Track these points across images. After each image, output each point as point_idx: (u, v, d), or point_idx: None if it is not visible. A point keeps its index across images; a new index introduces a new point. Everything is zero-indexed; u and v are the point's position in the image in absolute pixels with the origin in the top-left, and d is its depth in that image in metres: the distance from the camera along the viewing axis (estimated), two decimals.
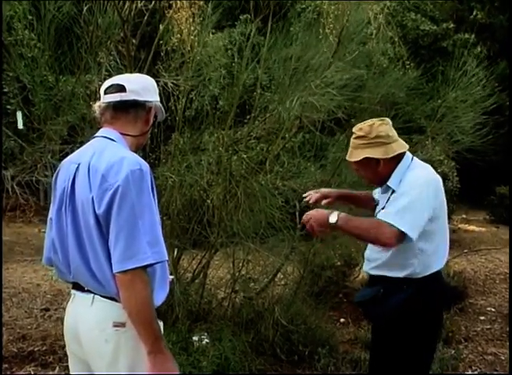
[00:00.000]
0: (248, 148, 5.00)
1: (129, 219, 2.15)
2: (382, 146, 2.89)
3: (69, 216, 2.30)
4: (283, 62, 4.89)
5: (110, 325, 2.24)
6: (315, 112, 4.80)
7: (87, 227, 2.23)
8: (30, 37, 4.86)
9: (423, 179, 2.87)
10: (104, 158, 2.25)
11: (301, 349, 4.47)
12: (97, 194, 2.20)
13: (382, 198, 3.03)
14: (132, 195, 2.16)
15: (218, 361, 3.71)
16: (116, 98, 2.38)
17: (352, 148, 2.98)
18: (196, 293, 4.65)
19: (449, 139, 4.96)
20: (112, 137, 2.37)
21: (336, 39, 4.69)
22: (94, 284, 2.27)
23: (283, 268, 5.03)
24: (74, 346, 2.40)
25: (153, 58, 4.71)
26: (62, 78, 4.95)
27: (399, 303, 2.90)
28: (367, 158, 2.91)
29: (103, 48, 4.59)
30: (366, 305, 3.10)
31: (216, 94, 5.48)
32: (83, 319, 2.31)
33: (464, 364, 4.54)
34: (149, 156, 4.78)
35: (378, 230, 2.78)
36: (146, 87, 2.45)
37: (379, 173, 2.95)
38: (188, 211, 4.82)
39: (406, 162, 2.93)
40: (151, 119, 2.45)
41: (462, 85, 4.76)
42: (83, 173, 2.28)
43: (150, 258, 2.17)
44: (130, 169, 2.18)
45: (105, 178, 2.20)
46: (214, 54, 5.23)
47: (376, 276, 3.03)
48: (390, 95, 4.96)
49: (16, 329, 5.13)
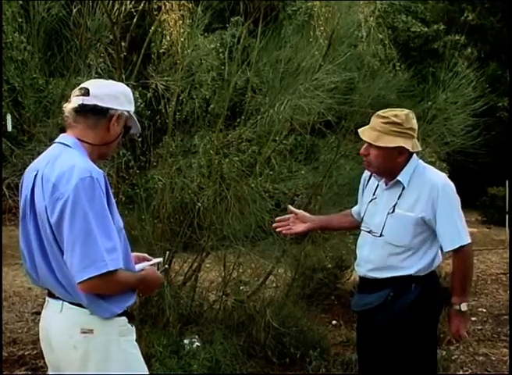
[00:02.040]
0: (239, 150, 4.98)
1: (83, 228, 2.15)
2: (412, 139, 2.89)
3: (32, 224, 2.30)
4: (274, 64, 4.87)
5: (78, 331, 2.25)
6: (306, 114, 4.79)
7: (46, 236, 2.24)
8: (19, 40, 4.84)
9: (448, 180, 2.96)
10: (56, 167, 2.24)
11: (293, 352, 4.45)
12: (49, 203, 2.19)
13: (390, 193, 2.99)
14: (83, 204, 2.15)
15: (208, 364, 3.70)
16: (78, 102, 2.33)
17: (380, 131, 2.86)
18: (187, 296, 4.63)
19: (440, 140, 4.96)
20: (68, 143, 2.33)
21: (326, 41, 4.68)
22: (61, 291, 2.28)
23: (275, 271, 5.02)
24: (48, 353, 2.40)
25: (143, 60, 4.69)
26: (52, 80, 4.94)
27: (407, 304, 2.90)
28: (393, 147, 2.86)
29: (93, 51, 4.57)
30: (371, 312, 3.00)
31: (207, 97, 5.46)
32: (54, 326, 2.32)
33: (455, 365, 4.53)
34: (139, 159, 4.76)
35: (467, 262, 2.89)
36: (112, 94, 2.37)
37: (395, 164, 2.93)
38: (179, 214, 4.80)
39: (414, 159, 2.96)
40: (113, 128, 2.36)
41: (452, 86, 4.75)
42: (39, 182, 2.27)
43: (108, 265, 2.16)
44: (80, 177, 2.17)
45: (56, 187, 2.19)
46: (204, 56, 5.21)
47: (380, 279, 2.96)
48: (381, 97, 4.95)
49: (6, 333, 5.09)
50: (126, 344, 2.35)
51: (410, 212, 2.89)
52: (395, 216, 2.92)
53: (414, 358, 2.92)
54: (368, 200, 3.09)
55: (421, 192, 2.90)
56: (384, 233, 2.94)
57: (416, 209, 2.88)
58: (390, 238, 2.94)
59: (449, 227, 2.87)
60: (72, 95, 2.39)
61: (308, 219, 3.30)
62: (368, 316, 3.04)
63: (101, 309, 2.26)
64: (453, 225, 2.87)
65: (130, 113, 2.45)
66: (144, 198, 4.64)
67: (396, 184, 2.96)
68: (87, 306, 2.24)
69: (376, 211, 3.02)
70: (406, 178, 2.93)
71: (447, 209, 2.87)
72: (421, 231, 2.91)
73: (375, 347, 3.03)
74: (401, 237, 2.92)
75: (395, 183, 2.96)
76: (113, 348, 2.29)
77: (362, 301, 3.07)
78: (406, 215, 2.89)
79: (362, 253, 3.07)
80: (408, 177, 2.93)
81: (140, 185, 4.69)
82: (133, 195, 4.70)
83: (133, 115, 2.48)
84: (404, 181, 2.93)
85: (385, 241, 2.95)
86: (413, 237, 2.90)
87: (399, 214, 2.91)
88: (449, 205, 2.88)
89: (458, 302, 2.88)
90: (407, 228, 2.90)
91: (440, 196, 2.86)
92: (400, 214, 2.91)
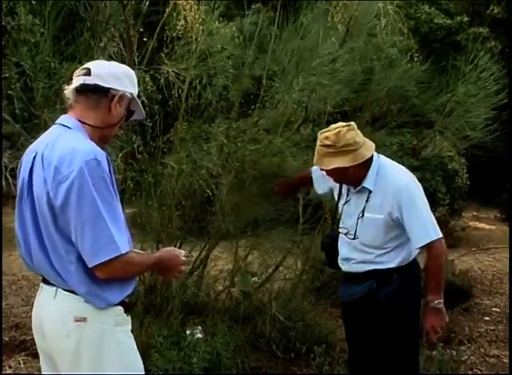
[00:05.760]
0: (256, 140, 4.88)
1: (91, 212, 2.09)
2: (351, 153, 2.95)
3: (28, 208, 2.23)
4: (291, 52, 4.76)
5: (71, 319, 2.19)
6: (322, 103, 4.70)
7: (44, 221, 2.17)
8: (33, 22, 4.77)
9: (411, 179, 3.05)
10: (56, 149, 2.17)
11: (298, 346, 4.36)
12: (52, 187, 2.12)
13: (358, 197, 3.10)
14: (89, 187, 2.09)
15: (209, 357, 3.61)
16: (80, 82, 2.28)
17: (320, 155, 3.02)
18: (194, 285, 4.55)
19: (458, 134, 4.83)
20: (68, 125, 2.27)
21: (344, 28, 4.56)
22: (55, 278, 2.21)
23: (284, 262, 4.94)
24: (40, 340, 2.35)
25: (157, 45, 4.60)
26: (65, 65, 4.86)
27: (391, 293, 3.02)
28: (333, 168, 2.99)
29: (106, 34, 4.48)
30: (357, 303, 3.13)
31: (224, 84, 5.36)
32: (47, 313, 2.26)
33: (465, 366, 4.40)
34: (149, 145, 4.68)
35: (439, 259, 2.93)
36: (114, 75, 2.32)
37: (350, 177, 3.05)
38: (190, 201, 4.72)
39: (376, 161, 3.06)
40: (115, 109, 2.31)
41: (472, 79, 4.61)
42: (38, 164, 2.20)
43: (121, 248, 2.11)
44: (84, 159, 2.11)
45: (59, 170, 2.12)
46: (222, 43, 5.11)
47: (365, 272, 3.09)
48: (398, 88, 4.83)
49: (10, 317, 5.06)
50: (120, 334, 2.29)
51: (378, 214, 3.01)
52: (365, 220, 3.05)
53: (400, 343, 3.05)
54: (343, 201, 3.22)
55: (385, 193, 2.99)
56: (357, 236, 3.08)
57: (383, 211, 2.99)
58: (364, 240, 3.07)
59: (415, 225, 2.94)
60: (74, 76, 2.34)
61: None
62: (354, 305, 3.18)
63: (96, 299, 2.20)
64: (418, 222, 2.94)
65: (133, 96, 2.39)
66: (152, 184, 4.56)
67: (363, 189, 3.07)
68: (82, 295, 2.18)
69: (350, 213, 3.15)
70: (371, 183, 3.04)
71: (411, 208, 2.95)
72: (392, 229, 3.02)
73: (362, 334, 3.19)
74: (374, 238, 3.05)
75: (362, 189, 3.07)
76: (107, 337, 2.23)
77: (348, 291, 3.22)
78: (375, 217, 3.02)
79: (342, 253, 3.21)
80: (373, 181, 3.04)
81: (149, 171, 4.60)
82: (142, 181, 4.62)
83: (136, 98, 2.41)
84: (370, 186, 3.04)
85: (361, 243, 3.09)
86: (385, 237, 3.03)
87: (368, 217, 3.04)
88: (413, 203, 2.96)
89: (432, 300, 2.92)
90: (379, 229, 3.02)
91: (403, 196, 2.95)
92: (369, 217, 3.04)
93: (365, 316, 3.12)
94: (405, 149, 5.10)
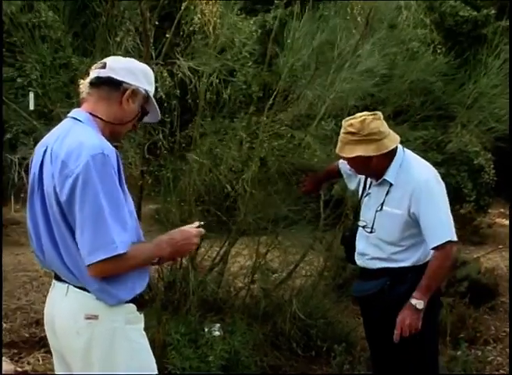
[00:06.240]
0: (278, 135, 4.82)
1: (94, 208, 2.03)
2: (374, 143, 2.87)
3: (39, 203, 2.19)
4: (312, 45, 4.69)
5: (82, 317, 2.13)
6: (344, 98, 4.62)
7: (54, 216, 2.12)
8: (54, 19, 4.76)
9: (434, 175, 2.95)
10: (65, 143, 2.12)
11: (319, 344, 4.29)
12: (59, 181, 2.07)
13: (379, 190, 3.03)
14: (95, 182, 2.03)
15: (226, 355, 3.55)
16: (94, 75, 2.25)
17: (342, 142, 2.94)
18: (214, 282, 4.50)
19: (482, 127, 4.71)
20: (79, 118, 2.22)
21: (364, 20, 4.48)
22: (67, 274, 2.16)
23: (306, 258, 4.87)
24: (51, 338, 2.30)
25: (173, 39, 4.55)
26: (85, 60, 4.85)
27: (403, 292, 2.91)
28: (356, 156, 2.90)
29: (122, 28, 4.45)
30: (370, 300, 3.08)
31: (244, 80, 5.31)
32: (58, 310, 2.21)
33: (490, 367, 4.30)
34: (168, 140, 4.63)
35: (444, 263, 2.86)
36: (129, 69, 2.28)
37: (372, 168, 2.96)
38: (212, 196, 4.67)
39: (400, 154, 2.97)
40: (127, 104, 2.26)
41: (494, 70, 4.50)
42: (48, 158, 2.15)
43: (118, 248, 2.04)
44: (91, 154, 2.05)
45: (66, 164, 2.07)
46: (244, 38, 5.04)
47: (378, 269, 3.01)
48: (420, 81, 4.74)
49: (30, 313, 5.07)
50: (132, 332, 2.23)
51: (397, 210, 2.92)
52: (383, 214, 2.97)
53: (414, 343, 2.92)
54: (364, 194, 3.14)
55: (405, 189, 2.90)
56: (374, 230, 3.00)
57: (402, 206, 2.90)
58: (380, 235, 2.99)
59: (432, 223, 2.85)
60: (90, 70, 2.31)
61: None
62: (367, 302, 3.13)
63: (106, 296, 2.14)
64: (436, 221, 2.86)
65: (149, 94, 2.33)
66: (172, 179, 4.52)
67: (383, 182, 2.98)
68: (93, 292, 2.13)
69: (370, 206, 3.06)
70: (392, 176, 2.95)
71: (430, 205, 2.86)
72: (410, 227, 2.92)
73: (377, 331, 3.13)
74: (391, 233, 2.96)
75: (383, 182, 2.99)
76: (118, 336, 2.17)
77: (360, 287, 3.17)
78: (393, 212, 2.93)
79: (359, 247, 3.13)
80: (394, 174, 2.95)
81: (168, 166, 4.56)
82: (161, 177, 4.58)
83: (152, 97, 2.35)
84: (391, 179, 2.95)
85: (377, 237, 3.00)
86: (402, 233, 2.93)
87: (387, 211, 2.95)
88: (432, 200, 2.87)
89: (416, 297, 2.84)
90: (396, 225, 2.93)
91: (423, 193, 2.86)
92: (387, 211, 2.95)
93: (378, 313, 3.05)
94: (429, 144, 4.98)
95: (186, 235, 2.27)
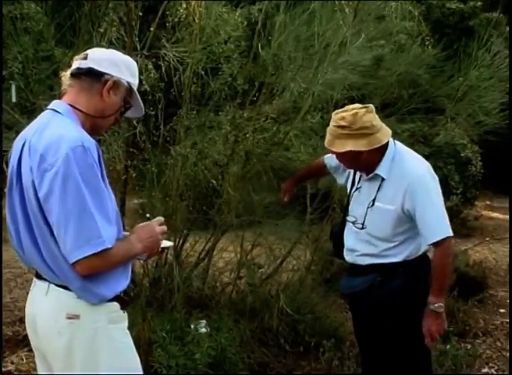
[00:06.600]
0: (264, 128, 4.75)
1: (77, 203, 1.95)
2: (366, 137, 2.77)
3: (17, 198, 2.10)
4: (298, 37, 4.62)
5: (63, 316, 2.06)
6: (330, 89, 4.55)
7: (33, 212, 2.04)
8: (35, 11, 4.66)
9: (428, 170, 2.86)
10: (44, 136, 2.04)
11: (307, 340, 4.23)
12: (37, 175, 1.99)
13: (370, 185, 2.93)
14: (75, 176, 1.95)
15: (213, 353, 3.48)
16: (75, 66, 2.18)
17: (332, 136, 2.83)
18: (199, 278, 4.43)
19: (470, 120, 4.67)
20: (59, 110, 2.14)
21: (352, 11, 4.41)
22: (47, 272, 2.08)
23: (292, 253, 4.81)
24: (33, 339, 2.24)
25: (158, 30, 4.46)
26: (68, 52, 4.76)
27: (396, 287, 2.87)
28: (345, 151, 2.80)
29: (105, 18, 4.35)
30: (359, 296, 3.01)
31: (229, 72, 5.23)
32: (39, 310, 2.15)
33: (480, 360, 4.26)
34: (152, 134, 4.55)
35: (446, 259, 2.81)
36: (111, 60, 2.21)
37: (363, 162, 2.86)
38: (194, 191, 4.60)
39: (391, 147, 2.87)
40: (107, 95, 2.18)
41: (485, 63, 4.45)
42: (26, 152, 2.07)
43: (106, 242, 1.97)
44: (70, 146, 1.97)
45: (44, 158, 1.99)
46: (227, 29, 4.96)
47: (368, 265, 2.94)
48: (408, 73, 4.68)
49: (14, 311, 4.97)
50: (115, 332, 2.16)
51: (389, 205, 2.83)
52: (375, 210, 2.88)
53: (406, 339, 2.91)
54: (354, 189, 3.04)
55: (399, 184, 2.81)
56: (365, 226, 2.91)
57: (395, 202, 2.81)
58: (372, 231, 2.90)
59: (428, 220, 2.77)
60: (72, 62, 2.24)
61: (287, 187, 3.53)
62: (356, 298, 3.06)
63: (88, 294, 2.07)
64: (432, 217, 2.78)
65: (132, 87, 2.25)
66: (156, 174, 4.45)
67: (375, 176, 2.88)
68: (75, 290, 2.06)
69: (360, 201, 2.96)
70: (384, 170, 2.85)
71: (425, 201, 2.78)
72: (402, 223, 2.84)
73: (366, 329, 3.06)
74: (382, 229, 2.87)
75: (374, 176, 2.89)
76: (101, 336, 2.10)
77: (349, 283, 3.08)
78: (385, 208, 2.84)
79: (348, 243, 3.04)
80: (387, 169, 2.85)
81: (152, 161, 4.48)
82: (145, 171, 4.50)
83: (135, 91, 2.27)
84: (383, 174, 2.85)
85: (367, 233, 2.92)
86: (394, 229, 2.85)
87: (378, 207, 2.86)
88: (428, 196, 2.79)
89: (433, 302, 2.78)
90: (388, 221, 2.84)
91: (418, 189, 2.77)
92: (379, 207, 2.86)
93: (368, 309, 2.99)
94: (416, 136, 4.93)
95: (150, 231, 2.20)
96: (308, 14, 4.64)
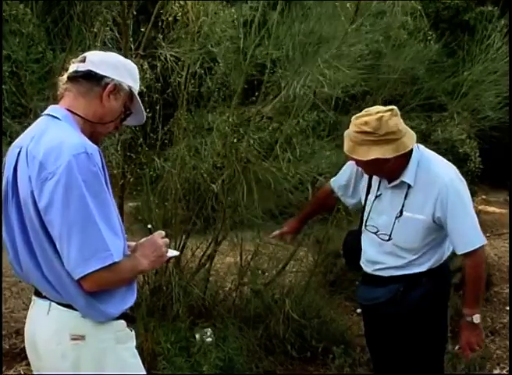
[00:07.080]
0: (259, 128, 4.64)
1: (81, 213, 1.82)
2: (393, 143, 2.57)
3: (14, 210, 1.96)
4: (295, 35, 4.50)
5: (67, 338, 1.93)
6: (328, 88, 4.43)
7: (32, 224, 1.89)
8: (24, 12, 4.53)
9: (457, 174, 2.71)
10: (42, 143, 1.91)
11: (314, 345, 4.12)
12: (36, 185, 1.85)
13: (394, 193, 2.74)
14: (79, 184, 1.82)
15: (221, 364, 3.36)
16: (73, 69, 2.06)
17: (353, 142, 2.62)
18: (200, 285, 4.31)
19: (472, 116, 4.58)
20: (57, 115, 2.01)
21: (353, 6, 4.29)
22: (48, 290, 1.95)
23: (295, 255, 4.70)
24: (34, 360, 2.10)
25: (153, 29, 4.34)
26: (60, 54, 4.63)
27: (419, 297, 2.76)
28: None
29: (98, 18, 4.22)
30: (379, 308, 2.85)
31: (225, 71, 5.12)
32: (40, 330, 2.01)
33: (491, 361, 4.17)
34: (149, 137, 4.43)
35: (480, 268, 2.68)
36: (111, 63, 2.09)
37: (388, 170, 2.67)
38: (192, 196, 4.48)
39: (416, 152, 2.69)
40: (107, 100, 2.06)
41: (483, 59, 4.37)
42: (23, 160, 1.93)
43: (114, 256, 1.84)
44: (73, 153, 1.84)
45: (44, 166, 1.85)
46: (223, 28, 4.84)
47: (390, 277, 2.79)
48: (409, 69, 4.58)
49: (10, 322, 4.81)
50: (123, 352, 2.03)
51: (419, 215, 2.67)
52: (403, 220, 2.70)
53: (425, 349, 2.81)
54: (373, 197, 2.83)
55: (428, 191, 2.64)
56: (392, 237, 2.73)
57: (425, 211, 2.65)
58: (399, 242, 2.73)
59: (460, 229, 2.63)
60: (69, 65, 2.12)
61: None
62: (376, 309, 2.89)
63: (94, 312, 1.94)
64: (465, 226, 2.64)
65: (132, 91, 2.12)
66: (153, 178, 4.33)
67: (401, 184, 2.71)
68: (80, 309, 1.92)
69: (382, 210, 2.78)
70: (411, 177, 2.68)
71: (458, 208, 2.62)
72: (432, 232, 2.71)
73: (385, 340, 2.93)
74: (412, 241, 2.72)
75: (400, 183, 2.71)
76: (109, 357, 1.98)
77: (369, 294, 2.90)
78: (415, 218, 2.68)
79: (369, 254, 2.86)
80: (413, 175, 2.67)
81: (149, 165, 4.36)
82: (143, 175, 4.38)
83: (136, 95, 2.15)
84: (410, 181, 2.68)
85: (394, 245, 2.74)
86: (424, 240, 2.71)
87: (407, 217, 2.69)
88: (460, 203, 2.63)
89: (469, 314, 2.66)
90: (418, 231, 2.69)
91: (450, 196, 2.61)
92: (408, 217, 2.69)
93: (387, 319, 2.86)
94: (424, 132, 4.83)
95: (154, 245, 2.09)
96: (307, 9, 4.54)
